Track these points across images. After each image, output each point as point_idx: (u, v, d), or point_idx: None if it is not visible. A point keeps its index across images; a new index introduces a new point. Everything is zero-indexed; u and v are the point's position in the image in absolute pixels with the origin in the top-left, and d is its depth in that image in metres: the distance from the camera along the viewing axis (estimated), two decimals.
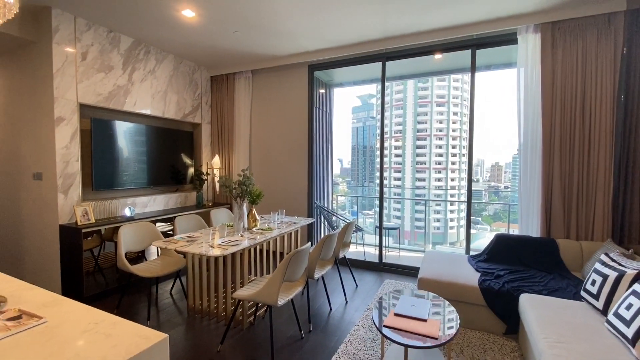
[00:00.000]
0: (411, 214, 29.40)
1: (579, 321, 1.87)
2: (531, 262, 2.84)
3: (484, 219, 19.54)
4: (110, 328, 0.91)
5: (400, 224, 30.59)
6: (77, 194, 3.17)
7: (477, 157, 38.30)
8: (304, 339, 2.40)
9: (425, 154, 34.15)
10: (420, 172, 34.41)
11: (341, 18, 3.09)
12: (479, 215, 21.17)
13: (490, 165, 37.55)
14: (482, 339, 2.36)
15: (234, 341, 2.35)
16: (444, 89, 31.61)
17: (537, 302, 2.13)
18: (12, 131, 3.35)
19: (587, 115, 2.87)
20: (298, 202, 4.34)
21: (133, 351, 0.79)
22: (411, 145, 34.93)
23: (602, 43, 2.81)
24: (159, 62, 3.98)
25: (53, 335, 0.87)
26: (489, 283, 2.47)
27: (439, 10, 2.94)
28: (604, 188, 2.82)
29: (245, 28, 3.33)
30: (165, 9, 2.94)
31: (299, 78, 4.28)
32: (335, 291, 3.29)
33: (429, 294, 2.26)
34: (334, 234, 2.75)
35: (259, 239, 2.65)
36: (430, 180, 32.72)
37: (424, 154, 34.27)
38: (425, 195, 33.84)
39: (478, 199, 31.24)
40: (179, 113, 4.29)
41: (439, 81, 25.70)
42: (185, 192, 4.44)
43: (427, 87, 32.59)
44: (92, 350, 0.80)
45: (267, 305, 2.14)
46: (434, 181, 33.48)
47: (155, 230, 2.97)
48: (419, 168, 34.38)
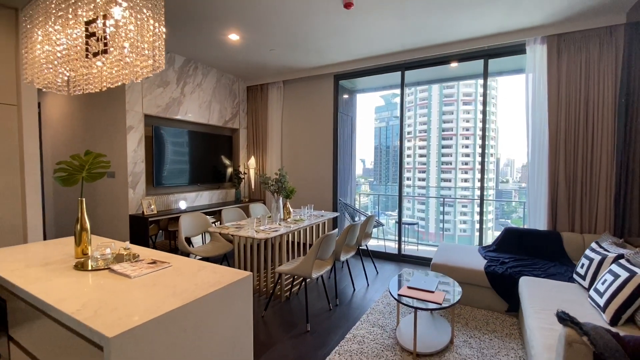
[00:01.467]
0: (436, 216, 29.00)
1: (566, 297, 2.20)
2: (536, 253, 3.15)
3: (513, 222, 19.12)
4: (214, 269, 1.41)
5: (425, 226, 29.86)
6: (142, 189, 3.83)
7: (507, 157, 36.69)
8: (332, 310, 2.86)
9: (451, 154, 33.55)
10: (445, 172, 33.84)
11: (364, 36, 3.53)
12: (508, 217, 20.70)
13: (521, 165, 36.06)
14: (486, 315, 2.72)
15: (274, 310, 2.86)
16: (471, 87, 30.90)
17: (533, 283, 2.47)
18: (89, 137, 4.07)
19: (590, 118, 3.14)
20: (324, 198, 4.81)
21: (233, 279, 1.29)
22: (436, 145, 34.41)
23: (604, 53, 3.07)
24: (205, 76, 4.59)
25: (180, 272, 1.38)
26: (493, 268, 2.82)
27: (453, 27, 3.31)
28: (605, 186, 3.08)
29: (281, 47, 3.85)
30: (215, 34, 3.51)
31: (325, 87, 4.76)
32: (359, 276, 3.73)
33: (438, 274, 2.66)
34: (357, 224, 3.20)
35: (292, 227, 3.15)
36: (457, 181, 32.13)
37: (450, 153, 33.66)
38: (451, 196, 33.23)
39: (508, 198, 30.13)
40: (221, 120, 4.90)
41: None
42: (226, 189, 5.04)
43: (453, 85, 31.97)
44: (208, 279, 1.30)
45: (302, 279, 2.62)
46: (461, 182, 32.77)
47: (207, 219, 3.54)
48: (445, 168, 33.82)
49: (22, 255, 1.60)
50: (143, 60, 1.30)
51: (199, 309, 1.12)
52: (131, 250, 1.58)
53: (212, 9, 2.91)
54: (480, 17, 3.11)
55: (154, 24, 1.28)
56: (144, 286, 1.21)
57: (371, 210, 11.29)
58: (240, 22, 3.20)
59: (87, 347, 0.95)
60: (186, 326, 1.07)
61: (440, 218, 27.80)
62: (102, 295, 1.12)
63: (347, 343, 2.30)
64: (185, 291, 1.16)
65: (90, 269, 1.39)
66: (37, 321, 1.15)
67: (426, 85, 28.48)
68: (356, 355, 2.15)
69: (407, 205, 32.31)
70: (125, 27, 1.20)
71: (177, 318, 1.04)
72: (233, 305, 1.26)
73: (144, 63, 1.31)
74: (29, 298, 1.14)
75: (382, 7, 2.88)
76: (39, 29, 1.44)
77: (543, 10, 2.95)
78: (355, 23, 3.21)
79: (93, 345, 0.93)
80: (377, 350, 2.20)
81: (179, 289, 1.18)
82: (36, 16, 1.46)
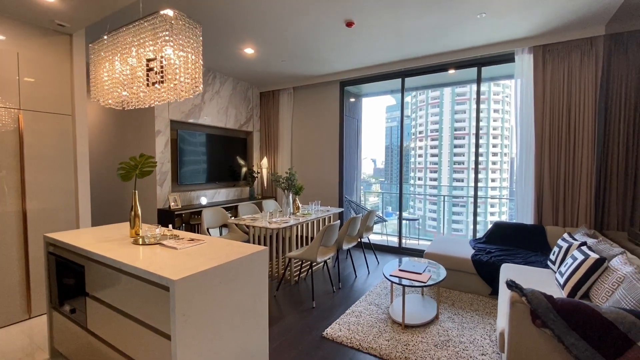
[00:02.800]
0: (448, 216, 28.92)
1: (537, 279, 2.54)
2: (522, 244, 3.46)
3: None
4: (238, 244, 1.83)
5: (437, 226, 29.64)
6: (168, 186, 4.31)
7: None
8: (335, 292, 3.26)
9: (463, 154, 33.31)
10: (458, 172, 33.63)
11: (366, 48, 3.90)
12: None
13: None
14: (472, 298, 3.07)
15: (285, 291, 3.28)
16: (484, 85, 30.73)
17: (512, 268, 2.81)
18: (121, 141, 4.58)
19: (572, 122, 3.43)
20: (331, 195, 5.21)
21: (253, 250, 1.70)
22: (448, 145, 34.22)
23: (585, 62, 3.36)
24: (222, 84, 5.05)
25: (213, 247, 1.80)
26: (479, 257, 3.16)
27: (447, 39, 3.65)
28: (586, 184, 3.37)
29: (291, 58, 4.26)
30: (232, 49, 3.95)
31: (332, 92, 5.15)
32: (360, 266, 4.11)
33: (430, 262, 3.02)
34: (359, 217, 3.59)
35: (301, 219, 3.56)
36: (469, 181, 31.88)
37: (462, 153, 33.42)
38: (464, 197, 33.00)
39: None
40: (236, 123, 5.35)
41: None
42: (241, 187, 5.50)
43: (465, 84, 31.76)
44: (234, 250, 1.71)
45: (309, 265, 3.02)
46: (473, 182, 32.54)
47: (226, 213, 3.99)
48: (457, 168, 33.62)
49: (89, 235, 2.06)
50: (186, 84, 1.73)
51: (228, 270, 1.53)
52: (173, 232, 2.02)
53: (231, 28, 3.34)
54: (472, 32, 3.44)
55: (194, 59, 1.70)
56: (188, 255, 1.64)
57: (381, 209, 11.59)
58: (255, 38, 3.62)
59: (155, 290, 1.38)
60: (220, 280, 1.49)
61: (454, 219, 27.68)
62: (160, 259, 1.55)
63: (347, 317, 2.69)
64: (218, 258, 1.58)
65: (146, 243, 1.83)
66: (112, 278, 1.59)
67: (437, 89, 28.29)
68: (353, 325, 2.54)
69: (418, 206, 32.33)
70: (174, 62, 1.63)
71: (213, 274, 1.46)
72: (253, 270, 1.68)
73: (186, 87, 1.74)
74: (108, 261, 1.58)
75: (380, 25, 3.25)
76: (106, 62, 1.89)
77: (529, 24, 3.26)
78: (357, 38, 3.59)
79: (160, 288, 1.35)
80: (371, 322, 2.58)
81: (213, 256, 1.61)
82: (103, 52, 1.91)
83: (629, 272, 1.82)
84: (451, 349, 2.22)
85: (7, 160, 2.53)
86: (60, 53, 2.84)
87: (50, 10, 2.46)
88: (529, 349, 1.60)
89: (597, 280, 2.08)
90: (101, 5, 2.41)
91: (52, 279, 2.05)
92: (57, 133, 2.81)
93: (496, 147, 31.77)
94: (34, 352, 2.22)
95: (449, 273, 3.28)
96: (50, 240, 2.02)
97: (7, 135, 2.52)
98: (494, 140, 31.94)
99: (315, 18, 3.10)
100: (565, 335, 1.50)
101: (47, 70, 2.76)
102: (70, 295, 1.90)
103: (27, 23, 2.63)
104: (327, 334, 2.41)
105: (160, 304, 1.35)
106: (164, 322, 1.35)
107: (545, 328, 1.55)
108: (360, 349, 2.24)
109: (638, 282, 1.69)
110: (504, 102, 33.02)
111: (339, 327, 2.51)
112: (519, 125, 3.74)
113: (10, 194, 2.55)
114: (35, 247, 2.69)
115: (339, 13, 3.00)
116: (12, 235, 2.58)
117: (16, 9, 2.43)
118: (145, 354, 1.45)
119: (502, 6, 2.89)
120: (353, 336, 2.38)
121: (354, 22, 3.15)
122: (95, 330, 1.74)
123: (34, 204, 2.68)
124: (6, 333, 2.46)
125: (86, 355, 1.83)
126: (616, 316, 1.45)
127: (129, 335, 1.53)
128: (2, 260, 2.52)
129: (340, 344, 2.32)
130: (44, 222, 2.74)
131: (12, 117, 2.54)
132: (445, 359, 2.11)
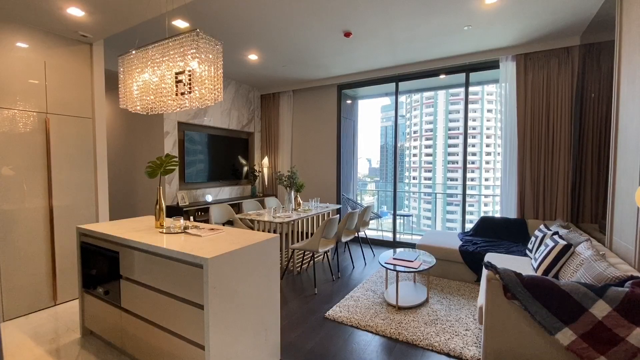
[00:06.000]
0: (443, 215, 29.37)
1: (515, 266, 2.84)
2: (505, 236, 3.78)
3: None
4: (253, 233, 2.10)
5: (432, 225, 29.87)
6: (176, 184, 4.55)
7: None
8: (335, 281, 3.54)
9: (457, 153, 33.79)
10: (452, 171, 34.10)
11: (362, 55, 4.19)
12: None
13: None
14: (459, 285, 3.37)
15: (288, 280, 3.55)
16: (478, 86, 31.20)
17: (495, 257, 3.11)
18: (131, 141, 4.81)
19: (551, 124, 3.75)
20: (329, 192, 5.49)
21: (267, 237, 1.97)
22: (442, 144, 34.67)
23: (562, 69, 3.68)
24: (225, 87, 5.30)
25: (231, 234, 2.07)
26: (466, 247, 3.47)
27: (437, 48, 3.95)
28: (564, 180, 3.69)
29: (292, 63, 4.53)
30: (237, 55, 4.20)
31: (329, 95, 5.43)
32: (358, 258, 4.40)
33: (420, 251, 3.32)
34: (356, 212, 3.87)
35: (302, 215, 3.83)
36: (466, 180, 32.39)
37: (456, 152, 33.89)
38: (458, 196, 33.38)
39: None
40: (239, 125, 5.61)
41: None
42: (243, 185, 5.76)
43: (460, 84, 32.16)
44: (250, 237, 1.98)
45: (311, 256, 3.29)
46: (469, 181, 33.08)
47: (231, 209, 4.25)
48: (451, 167, 34.09)
49: (118, 226, 2.32)
50: (208, 92, 2.00)
51: (247, 253, 1.81)
52: (194, 223, 2.28)
53: (239, 37, 3.60)
54: (460, 41, 3.74)
55: (216, 71, 1.97)
56: (211, 240, 1.91)
57: (377, 208, 11.88)
58: (259, 46, 3.89)
59: (189, 268, 1.65)
60: (241, 261, 1.76)
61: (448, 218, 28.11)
62: (189, 244, 1.82)
63: (346, 301, 2.97)
64: (238, 242, 1.85)
65: (172, 232, 2.09)
66: (147, 261, 1.85)
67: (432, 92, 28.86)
68: (352, 308, 2.82)
69: (413, 205, 32.78)
70: (201, 75, 1.90)
71: (237, 254, 1.73)
72: (267, 254, 1.95)
73: (208, 95, 2.01)
74: (145, 247, 1.84)
75: (375, 36, 3.54)
76: (135, 73, 2.15)
77: (512, 34, 3.56)
78: (354, 47, 3.87)
79: (194, 266, 1.62)
80: (368, 305, 2.87)
81: (234, 241, 1.88)
82: (132, 64, 2.17)
83: (589, 255, 2.13)
84: (439, 325, 2.52)
85: (37, 160, 2.77)
86: (81, 61, 3.08)
87: (77, 23, 2.70)
88: (502, 318, 1.89)
89: (565, 264, 2.38)
90: (122, 19, 2.66)
91: (85, 265, 2.30)
92: (79, 135, 3.06)
93: (489, 147, 32.33)
94: (64, 332, 2.46)
95: (439, 262, 3.58)
96: (83, 231, 2.28)
97: (36, 137, 2.76)
98: (487, 139, 32.51)
99: (317, 29, 3.38)
100: (530, 305, 1.80)
101: (70, 76, 3.00)
102: (104, 278, 2.15)
103: (54, 34, 2.87)
104: (329, 315, 2.70)
105: (193, 279, 1.62)
106: (196, 294, 1.62)
107: (514, 300, 1.84)
108: (358, 327, 2.53)
109: (595, 262, 2.00)
110: (498, 102, 33.62)
111: (339, 310, 2.79)
112: (504, 126, 4.05)
113: (39, 191, 2.79)
114: (62, 240, 2.93)
115: (338, 25, 3.28)
116: (40, 230, 2.82)
117: (45, 22, 2.67)
118: (178, 322, 1.72)
119: (484, 20, 3.19)
120: (352, 316, 2.66)
121: (352, 32, 3.43)
122: (129, 307, 2.00)
123: (59, 200, 2.92)
124: (36, 317, 2.70)
125: (118, 330, 2.09)
126: (571, 288, 1.75)
127: (162, 308, 1.79)
128: (32, 252, 2.76)
129: (341, 323, 2.61)
130: (69, 217, 2.99)
131: (40, 120, 2.78)
132: (433, 333, 2.40)
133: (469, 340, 2.32)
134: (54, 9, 2.45)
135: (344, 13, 3.02)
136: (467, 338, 2.35)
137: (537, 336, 1.80)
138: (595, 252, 2.12)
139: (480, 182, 30.88)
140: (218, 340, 1.62)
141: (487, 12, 3.04)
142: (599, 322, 1.65)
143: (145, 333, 1.90)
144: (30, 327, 2.54)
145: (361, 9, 2.95)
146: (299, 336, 2.41)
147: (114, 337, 2.13)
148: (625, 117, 2.31)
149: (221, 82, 2.03)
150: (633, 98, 2.19)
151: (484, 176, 31.91)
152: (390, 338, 2.38)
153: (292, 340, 2.36)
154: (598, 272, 1.87)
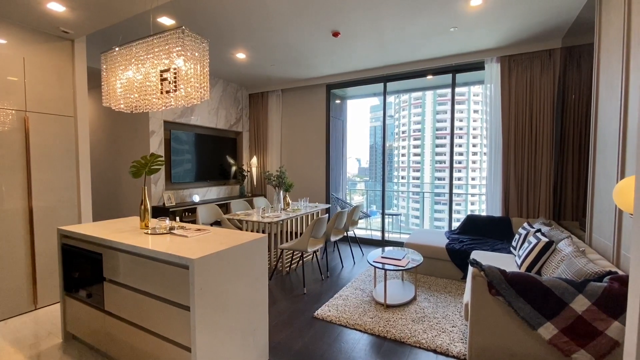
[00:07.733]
0: (430, 214, 29.74)
1: (500, 263, 2.90)
2: (491, 234, 3.85)
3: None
4: (240, 233, 2.08)
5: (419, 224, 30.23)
6: (162, 184, 4.47)
7: None
8: (324, 280, 3.55)
9: (445, 153, 34.30)
10: (440, 171, 34.58)
11: (351, 55, 4.20)
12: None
13: None
14: (446, 282, 3.42)
15: (277, 281, 3.54)
16: (464, 86, 31.74)
17: (480, 255, 3.17)
18: (117, 140, 4.70)
19: (534, 124, 3.85)
20: (318, 192, 5.49)
21: (254, 237, 1.96)
22: (430, 144, 35.12)
23: (544, 71, 3.78)
24: (213, 85, 5.24)
25: (218, 234, 2.05)
26: (452, 245, 3.52)
27: (424, 49, 3.99)
28: (546, 180, 3.79)
29: (280, 63, 4.51)
30: (225, 53, 4.16)
31: (318, 95, 5.43)
32: (347, 257, 4.42)
33: (408, 249, 3.35)
34: (345, 211, 3.88)
35: (291, 214, 3.82)
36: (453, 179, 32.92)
37: (444, 152, 34.40)
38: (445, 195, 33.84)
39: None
40: (227, 124, 5.55)
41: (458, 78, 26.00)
42: (231, 185, 5.70)
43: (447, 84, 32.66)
44: (238, 237, 1.96)
45: (300, 256, 3.28)
46: (456, 180, 33.61)
47: (219, 210, 4.20)
48: (439, 167, 34.58)
49: (101, 228, 2.26)
50: (195, 91, 1.97)
51: (235, 253, 1.79)
52: (180, 223, 2.25)
53: (226, 36, 3.56)
54: (446, 42, 3.79)
55: (202, 70, 1.95)
56: (198, 241, 1.88)
57: (366, 208, 11.96)
58: (248, 45, 3.86)
59: (175, 269, 1.62)
60: (228, 262, 1.74)
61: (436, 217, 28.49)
62: (175, 245, 1.79)
63: (335, 300, 2.98)
64: (225, 243, 1.83)
65: (158, 233, 2.06)
66: (132, 262, 1.82)
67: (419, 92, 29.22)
68: (341, 307, 2.83)
69: (402, 204, 33.14)
70: (186, 73, 1.87)
71: (223, 255, 1.71)
72: (255, 255, 1.94)
73: (194, 94, 1.98)
74: (130, 248, 1.81)
75: (363, 36, 3.55)
76: (119, 71, 2.10)
77: (496, 37, 3.63)
78: (343, 46, 3.88)
79: (179, 267, 1.60)
80: (357, 304, 2.89)
81: (221, 241, 1.86)
82: (116, 62, 2.12)
83: (570, 252, 2.19)
84: (426, 323, 2.55)
85: (15, 159, 2.68)
86: (62, 58, 3.00)
87: (58, 19, 2.63)
88: (487, 314, 1.93)
89: (547, 260, 2.45)
90: (106, 15, 2.60)
91: (66, 268, 2.24)
92: (60, 133, 2.97)
93: (476, 147, 32.94)
94: (46, 337, 2.39)
95: (426, 260, 3.63)
96: (64, 233, 2.21)
97: (14, 135, 2.67)
98: (474, 140, 33.11)
99: (304, 29, 3.37)
100: (514, 301, 1.84)
101: (51, 74, 2.91)
102: (86, 281, 2.10)
103: (33, 29, 2.78)
104: (318, 315, 2.70)
105: (179, 280, 1.60)
106: (182, 296, 1.59)
107: (498, 296, 1.88)
108: (347, 326, 2.53)
109: (575, 258, 2.06)
110: (484, 103, 34.29)
111: (328, 309, 2.79)
112: (489, 127, 4.13)
113: (17, 192, 2.70)
114: (42, 242, 2.85)
115: (327, 24, 3.28)
116: (20, 231, 2.73)
117: (24, 17, 2.58)
118: (163, 324, 1.69)
119: (470, 22, 3.24)
120: (341, 315, 2.67)
121: (340, 32, 3.44)
122: (113, 310, 1.95)
123: (39, 201, 2.83)
124: (16, 322, 2.61)
125: (101, 333, 2.04)
126: (553, 283, 1.80)
127: (147, 311, 1.76)
128: (10, 255, 2.67)
129: (329, 322, 2.61)
130: (49, 218, 2.90)
131: (19, 118, 2.69)
132: (421, 330, 2.43)
133: (456, 336, 2.36)
134: (34, 3, 2.37)
135: (331, 12, 3.03)
136: (454, 334, 2.39)
137: (521, 331, 1.85)
138: (576, 249, 2.18)
139: (467, 182, 31.45)
140: (205, 342, 1.60)
141: (472, 14, 3.09)
142: (579, 316, 1.71)
143: (130, 336, 1.87)
144: (10, 332, 2.45)
145: (348, 9, 2.96)
146: (288, 336, 2.41)
147: (97, 341, 2.08)
148: (604, 118, 2.39)
149: (207, 80, 2.00)
150: (611, 99, 2.26)
151: (470, 175, 32.50)
152: (378, 336, 2.40)
153: (280, 341, 2.35)
154: (578, 268, 1.93)
